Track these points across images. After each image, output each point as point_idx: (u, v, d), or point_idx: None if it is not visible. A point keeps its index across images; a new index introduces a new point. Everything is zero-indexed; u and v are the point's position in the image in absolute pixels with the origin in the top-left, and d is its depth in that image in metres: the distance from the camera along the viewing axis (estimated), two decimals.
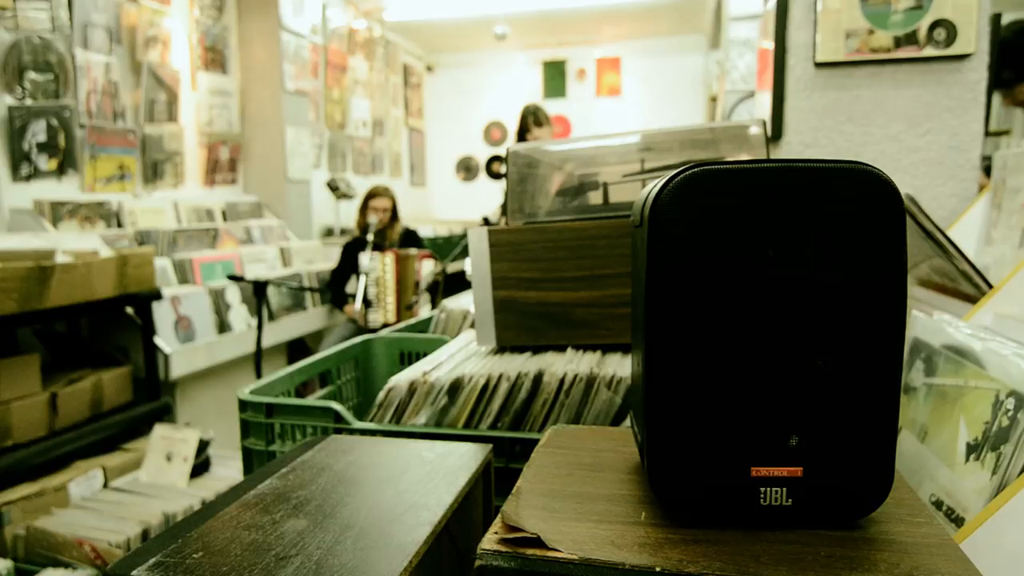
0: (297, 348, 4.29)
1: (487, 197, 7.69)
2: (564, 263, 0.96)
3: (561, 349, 0.98)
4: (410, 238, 4.14)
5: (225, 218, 4.17)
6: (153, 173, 3.80)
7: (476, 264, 0.99)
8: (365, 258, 3.51)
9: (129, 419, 2.70)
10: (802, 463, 0.49)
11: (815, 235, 0.48)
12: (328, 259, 4.47)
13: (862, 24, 1.47)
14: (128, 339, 2.90)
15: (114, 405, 2.72)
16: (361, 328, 3.84)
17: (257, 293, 3.08)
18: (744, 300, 0.48)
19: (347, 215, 5.34)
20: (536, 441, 0.87)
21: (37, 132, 3.09)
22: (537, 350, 0.99)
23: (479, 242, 0.99)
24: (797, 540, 0.48)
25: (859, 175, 0.48)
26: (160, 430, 2.48)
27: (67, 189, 3.28)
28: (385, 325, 3.76)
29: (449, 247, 6.19)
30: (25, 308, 2.16)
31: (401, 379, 0.94)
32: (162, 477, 2.42)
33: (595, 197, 1.01)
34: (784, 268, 0.48)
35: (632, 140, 1.00)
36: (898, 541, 0.48)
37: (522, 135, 4.00)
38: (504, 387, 0.89)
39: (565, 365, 0.90)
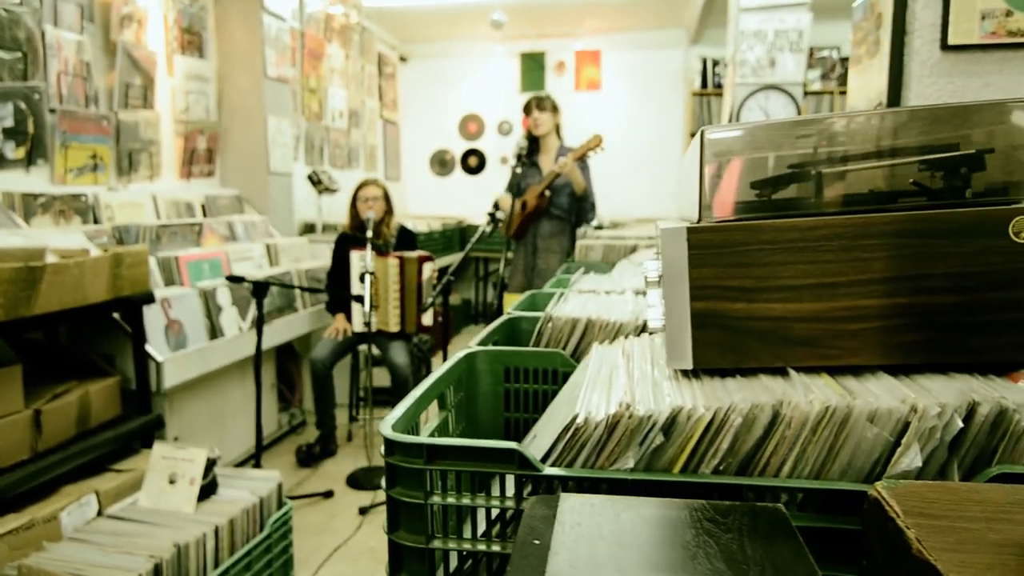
0: (286, 352, 4.02)
1: (463, 192, 7.48)
2: (784, 268, 0.80)
3: (774, 372, 0.82)
4: (405, 236, 3.93)
5: (205, 213, 3.87)
6: (128, 164, 3.49)
7: (669, 270, 0.82)
8: (367, 258, 3.28)
9: (119, 436, 2.42)
10: None
11: None
12: (315, 257, 4.21)
13: (998, 4, 1.34)
14: (114, 346, 2.62)
15: (102, 420, 2.44)
16: (355, 332, 3.61)
17: (257, 295, 2.83)
18: None
19: (329, 211, 5.07)
20: (774, 489, 0.71)
21: (4, 116, 2.76)
22: (744, 373, 0.83)
23: (674, 243, 0.81)
24: None
25: None
26: (160, 449, 2.22)
27: (36, 180, 2.96)
28: (381, 331, 3.53)
29: (430, 243, 5.96)
30: (12, 316, 1.88)
31: (594, 412, 0.76)
32: (165, 502, 2.17)
33: (807, 189, 0.84)
34: None
35: (857, 121, 0.85)
36: None
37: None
38: (736, 422, 0.73)
39: (804, 393, 0.74)
